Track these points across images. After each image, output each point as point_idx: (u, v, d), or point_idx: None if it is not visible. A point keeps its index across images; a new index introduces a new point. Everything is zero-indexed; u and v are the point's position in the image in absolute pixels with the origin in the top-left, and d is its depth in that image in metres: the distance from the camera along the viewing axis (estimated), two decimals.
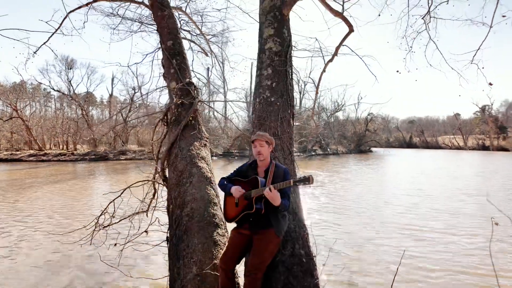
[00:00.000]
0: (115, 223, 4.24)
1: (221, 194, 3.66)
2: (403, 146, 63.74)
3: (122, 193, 4.19)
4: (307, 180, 2.18)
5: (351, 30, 5.30)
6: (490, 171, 19.74)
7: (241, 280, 2.58)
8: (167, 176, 3.99)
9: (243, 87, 40.90)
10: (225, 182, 2.69)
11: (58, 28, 6.19)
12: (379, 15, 5.86)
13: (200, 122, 4.32)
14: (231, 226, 3.28)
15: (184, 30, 7.41)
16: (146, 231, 4.09)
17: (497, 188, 12.73)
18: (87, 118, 37.70)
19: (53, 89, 37.08)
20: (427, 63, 5.70)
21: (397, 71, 6.38)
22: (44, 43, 6.14)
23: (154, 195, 4.58)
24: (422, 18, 5.58)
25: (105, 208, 4.06)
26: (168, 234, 3.42)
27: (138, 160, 29.53)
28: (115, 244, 4.23)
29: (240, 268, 2.61)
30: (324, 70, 5.59)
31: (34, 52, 6.30)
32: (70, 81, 38.29)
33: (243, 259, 2.60)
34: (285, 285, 2.41)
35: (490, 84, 5.12)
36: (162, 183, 4.04)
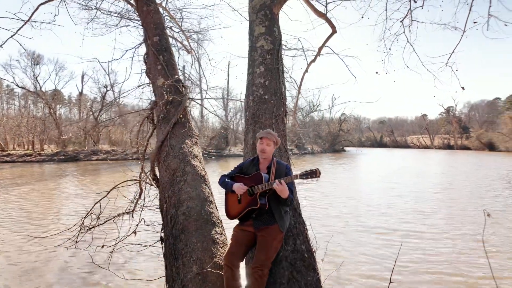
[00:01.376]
0: (100, 224, 4.09)
1: (216, 192, 3.64)
2: (374, 145, 65.99)
3: (108, 193, 4.05)
4: (314, 173, 2.20)
5: (334, 31, 5.42)
6: (456, 169, 20.90)
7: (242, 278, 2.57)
8: (157, 175, 3.88)
9: (223, 85, 40.43)
10: (226, 179, 2.66)
11: (28, 20, 5.86)
12: (362, 17, 6.04)
13: (190, 119, 4.25)
14: (228, 224, 3.25)
15: (167, 27, 7.25)
16: (134, 232, 3.98)
17: (465, 185, 13.52)
18: (55, 117, 35.89)
19: (17, 85, 34.99)
20: (404, 65, 5.95)
21: (376, 72, 6.64)
22: (11, 36, 5.79)
23: (140, 195, 4.46)
24: (401, 22, 5.82)
25: (91, 209, 3.90)
26: (163, 233, 3.33)
27: (110, 161, 28.51)
28: (102, 246, 4.06)
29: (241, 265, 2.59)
30: (306, 70, 5.68)
31: (0, 46, 5.93)
32: (36, 78, 36.26)
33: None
34: (289, 280, 2.43)
35: (463, 88, 5.49)
36: (152, 182, 3.93)
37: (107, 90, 37.61)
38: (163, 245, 3.26)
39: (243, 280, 2.46)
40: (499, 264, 5.02)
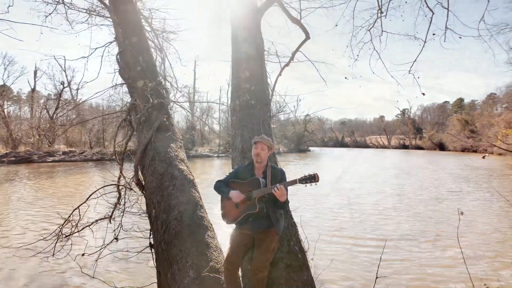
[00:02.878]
0: (78, 231, 3.93)
1: (206, 196, 3.64)
2: (336, 145, 68.75)
3: (87, 198, 3.90)
4: (313, 178, 2.32)
5: (307, 37, 5.65)
6: (417, 169, 22.42)
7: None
8: (141, 179, 3.79)
9: (190, 84, 39.62)
10: (222, 185, 2.70)
11: None
12: (336, 25, 6.36)
13: (173, 123, 4.20)
14: (219, 228, 3.27)
15: None
16: (116, 238, 3.86)
17: (415, 186, 14.56)
18: (4, 115, 33.06)
19: None
20: (371, 71, 6.33)
21: (345, 78, 7.01)
22: None
23: (119, 200, 4.33)
24: (368, 31, 6.20)
25: (69, 216, 3.73)
26: (152, 240, 3.28)
27: (68, 162, 26.89)
28: (83, 254, 3.90)
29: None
30: (280, 74, 5.87)
31: None
32: None
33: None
34: (287, 280, 2.54)
35: (423, 94, 5.98)
36: (136, 187, 3.84)
37: (63, 87, 35.42)
38: (152, 251, 3.21)
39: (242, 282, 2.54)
40: (473, 259, 5.31)
